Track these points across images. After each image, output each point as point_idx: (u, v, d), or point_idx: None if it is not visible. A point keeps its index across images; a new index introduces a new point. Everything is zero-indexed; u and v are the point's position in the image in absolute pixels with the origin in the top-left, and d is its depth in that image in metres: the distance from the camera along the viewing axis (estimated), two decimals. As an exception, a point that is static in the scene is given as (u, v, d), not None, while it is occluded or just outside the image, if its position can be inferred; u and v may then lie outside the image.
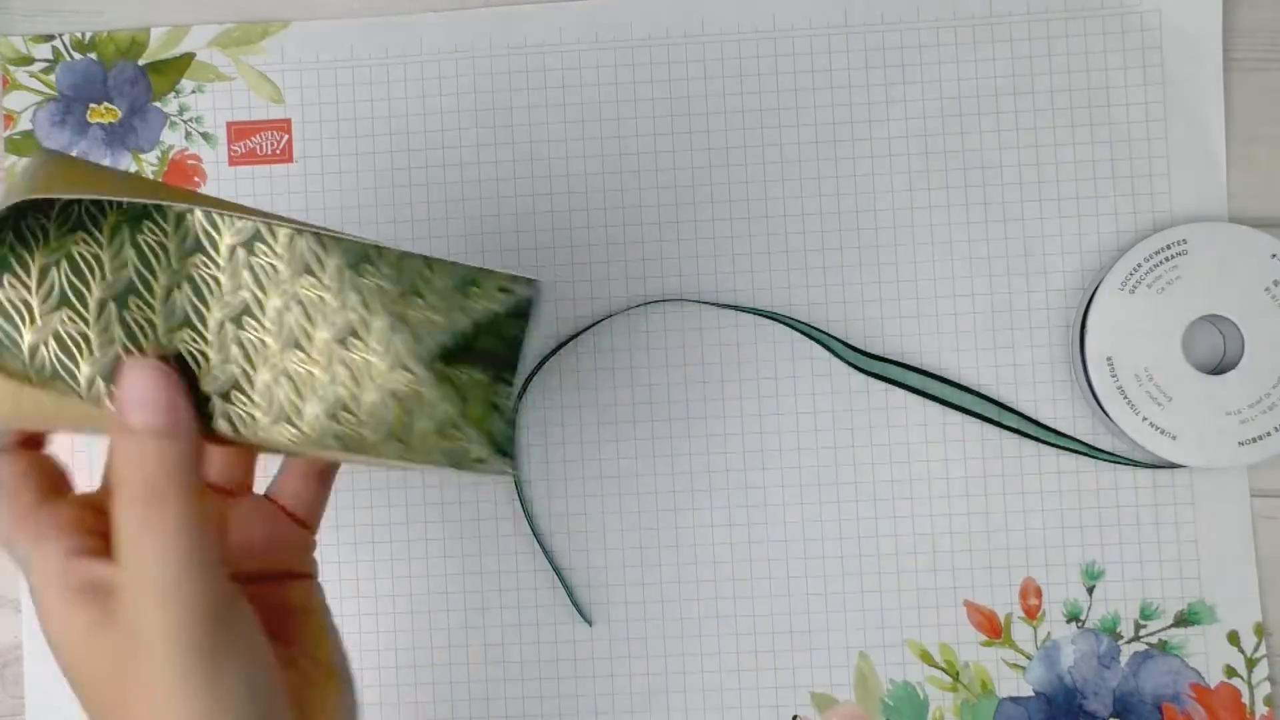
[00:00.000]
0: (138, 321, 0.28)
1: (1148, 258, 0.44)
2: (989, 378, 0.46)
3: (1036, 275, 0.46)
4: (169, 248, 0.28)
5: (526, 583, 0.47)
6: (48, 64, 0.49)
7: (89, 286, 0.27)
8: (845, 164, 0.47)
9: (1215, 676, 0.45)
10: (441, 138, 0.48)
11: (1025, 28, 0.47)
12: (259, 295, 0.28)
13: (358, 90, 0.48)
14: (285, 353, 0.28)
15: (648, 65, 0.47)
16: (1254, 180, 0.46)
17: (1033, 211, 0.46)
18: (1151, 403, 0.43)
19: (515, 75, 0.48)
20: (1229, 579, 0.45)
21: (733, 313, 0.47)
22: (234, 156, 0.48)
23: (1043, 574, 0.46)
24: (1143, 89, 0.46)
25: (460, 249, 0.47)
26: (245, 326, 0.28)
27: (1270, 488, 0.45)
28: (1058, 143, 0.46)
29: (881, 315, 0.47)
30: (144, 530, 0.26)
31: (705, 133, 0.47)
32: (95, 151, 0.48)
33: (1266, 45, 0.46)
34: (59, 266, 0.27)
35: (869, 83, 0.47)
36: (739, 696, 0.46)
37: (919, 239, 0.47)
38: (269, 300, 0.28)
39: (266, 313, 0.28)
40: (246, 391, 0.28)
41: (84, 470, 0.47)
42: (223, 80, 0.48)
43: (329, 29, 0.48)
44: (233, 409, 0.28)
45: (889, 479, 0.46)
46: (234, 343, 0.28)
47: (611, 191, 0.47)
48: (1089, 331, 0.44)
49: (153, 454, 0.26)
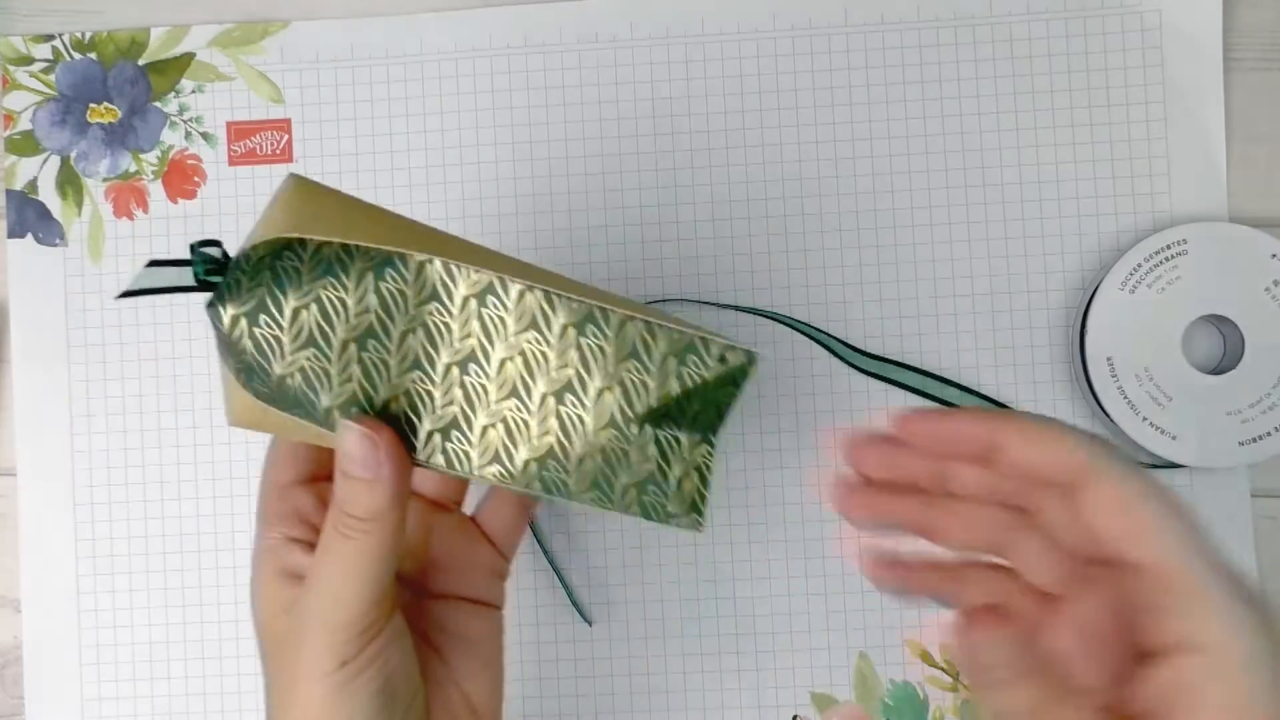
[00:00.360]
0: (374, 361, 0.30)
1: (1148, 258, 0.44)
2: (989, 378, 0.46)
3: (1036, 275, 0.46)
4: (408, 295, 0.29)
5: (526, 583, 0.47)
6: (48, 64, 0.49)
7: (334, 328, 0.29)
8: (845, 164, 0.47)
9: (1215, 676, 0.45)
10: (442, 138, 0.48)
11: (1025, 28, 0.47)
12: (485, 344, 0.30)
13: (358, 90, 0.48)
14: (503, 400, 0.30)
15: (648, 65, 0.47)
16: (1254, 180, 0.46)
17: (1033, 211, 0.46)
18: (1151, 403, 0.43)
19: (515, 75, 0.48)
20: (1229, 579, 0.45)
21: (733, 313, 0.47)
22: (234, 156, 0.48)
23: (1043, 574, 0.46)
24: (1143, 89, 0.46)
25: (460, 249, 0.47)
26: (470, 372, 0.30)
27: (1270, 488, 0.45)
28: (1058, 143, 0.46)
29: (881, 315, 0.47)
30: (329, 548, 0.30)
31: (705, 133, 0.47)
32: (95, 151, 0.48)
33: (1266, 45, 0.46)
34: (309, 309, 0.29)
35: (869, 83, 0.47)
36: (739, 696, 0.46)
37: (919, 239, 0.47)
38: (494, 350, 0.30)
39: (490, 361, 0.30)
40: (464, 431, 0.30)
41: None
42: (223, 80, 0.48)
43: (329, 29, 0.48)
44: (450, 445, 0.30)
45: (889, 479, 0.46)
46: (458, 386, 0.30)
47: (611, 191, 0.47)
48: (1089, 331, 0.44)
49: (355, 496, 0.29)
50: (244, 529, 0.47)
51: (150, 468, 0.48)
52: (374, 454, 0.29)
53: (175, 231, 0.48)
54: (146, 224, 0.48)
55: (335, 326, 0.29)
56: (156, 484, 0.48)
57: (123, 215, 0.48)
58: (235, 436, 0.47)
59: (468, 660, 0.35)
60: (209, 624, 0.47)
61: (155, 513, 0.47)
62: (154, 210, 0.48)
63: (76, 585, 0.47)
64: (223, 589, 0.47)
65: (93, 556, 0.47)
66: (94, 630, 0.47)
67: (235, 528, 0.47)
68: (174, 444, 0.48)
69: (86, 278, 0.48)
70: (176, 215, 0.48)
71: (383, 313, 0.29)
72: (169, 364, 0.48)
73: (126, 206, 0.48)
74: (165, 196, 0.48)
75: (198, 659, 0.47)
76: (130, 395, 0.48)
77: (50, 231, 0.48)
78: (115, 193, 0.48)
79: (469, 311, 0.29)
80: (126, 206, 0.48)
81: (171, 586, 0.47)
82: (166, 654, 0.47)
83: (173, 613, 0.47)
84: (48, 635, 0.47)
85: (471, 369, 0.30)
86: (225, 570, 0.47)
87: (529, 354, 0.29)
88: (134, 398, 0.48)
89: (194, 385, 0.48)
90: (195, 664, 0.47)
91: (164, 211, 0.48)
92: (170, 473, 0.47)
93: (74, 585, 0.47)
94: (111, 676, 0.47)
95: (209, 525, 0.47)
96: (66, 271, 0.48)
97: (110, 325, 0.48)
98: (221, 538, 0.47)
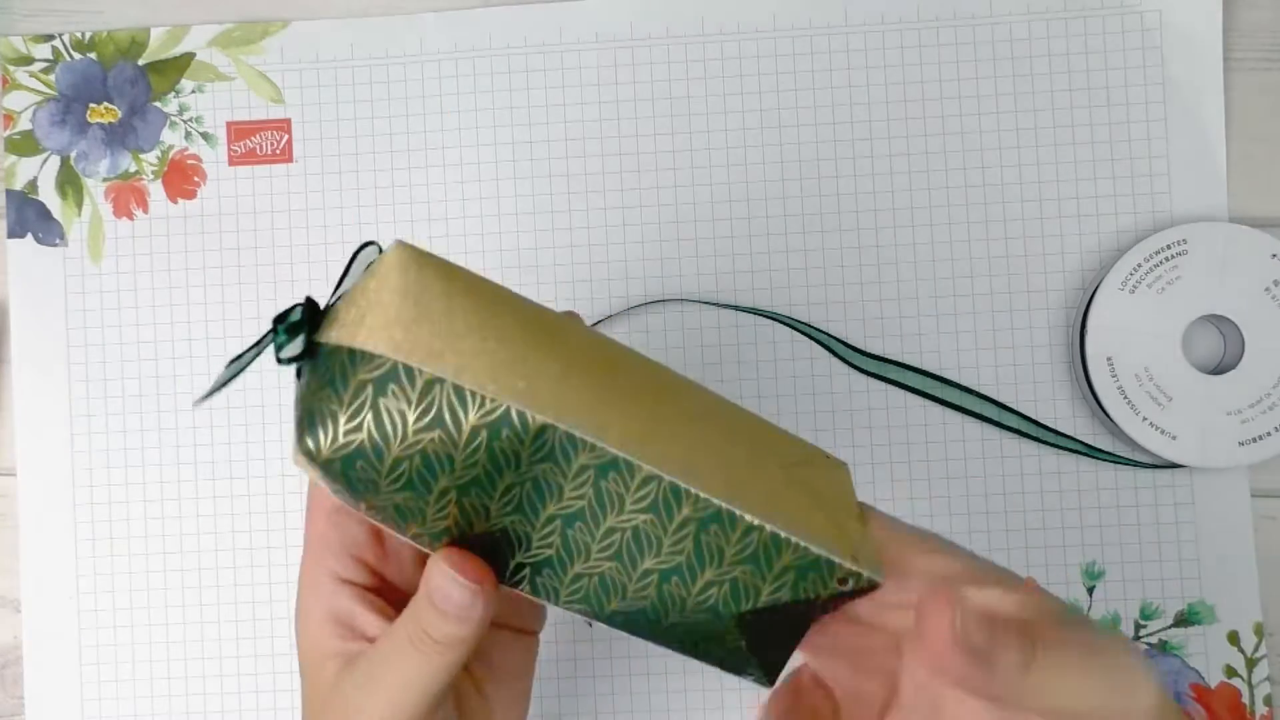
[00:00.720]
0: (474, 506, 0.28)
1: (1148, 258, 0.44)
2: (989, 378, 0.46)
3: (1036, 275, 0.46)
4: (521, 456, 0.27)
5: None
6: (48, 64, 0.49)
7: (435, 477, 0.27)
8: (845, 164, 0.47)
9: (1215, 676, 0.45)
10: (441, 138, 0.48)
11: (1025, 28, 0.47)
12: (596, 510, 0.27)
13: (358, 90, 0.48)
14: (604, 560, 0.28)
15: (648, 65, 0.47)
16: (1254, 180, 0.46)
17: (1033, 211, 0.46)
18: (1151, 403, 0.43)
19: (515, 75, 0.48)
20: (1229, 579, 0.45)
21: (733, 313, 0.47)
22: (234, 156, 0.48)
23: (1043, 574, 0.46)
24: (1143, 89, 0.46)
25: (460, 249, 0.47)
26: (574, 527, 0.28)
27: (1270, 488, 0.45)
28: (1058, 143, 0.46)
29: (881, 315, 0.47)
30: (398, 653, 0.29)
31: (705, 133, 0.47)
32: (95, 151, 0.48)
33: (1266, 45, 0.46)
34: (411, 459, 0.27)
35: (869, 83, 0.47)
36: (739, 696, 0.46)
37: (919, 239, 0.47)
38: (605, 519, 0.28)
39: (599, 525, 0.28)
40: (556, 572, 0.28)
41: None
42: (223, 80, 0.48)
43: (329, 29, 0.48)
44: (540, 580, 0.29)
45: (889, 479, 0.46)
46: (558, 535, 0.28)
47: (611, 191, 0.47)
48: (1089, 331, 0.44)
49: (439, 624, 0.28)
50: (244, 529, 0.47)
51: (150, 468, 0.48)
52: (469, 600, 0.28)
53: (175, 231, 0.48)
54: (146, 224, 0.48)
55: (438, 476, 0.27)
56: (156, 484, 0.47)
57: (123, 215, 0.48)
58: (235, 436, 0.47)
59: (503, 691, 0.34)
60: (209, 624, 0.47)
61: (155, 513, 0.47)
62: (154, 210, 0.48)
63: (76, 585, 0.47)
64: (223, 589, 0.47)
65: (93, 556, 0.47)
66: (94, 630, 0.47)
67: (235, 528, 0.47)
68: (174, 444, 0.48)
69: (86, 278, 0.48)
70: (176, 215, 0.48)
71: (491, 468, 0.27)
72: (169, 364, 0.48)
73: (126, 206, 0.48)
74: (165, 196, 0.48)
75: (198, 659, 0.47)
76: (130, 395, 0.48)
77: (50, 231, 0.48)
78: (115, 193, 0.48)
79: (585, 478, 0.27)
80: (126, 206, 0.48)
81: (171, 586, 0.47)
82: (166, 654, 0.47)
83: (173, 613, 0.47)
84: (48, 635, 0.47)
85: (576, 525, 0.28)
86: (225, 570, 0.47)
87: (642, 532, 0.27)
88: (134, 398, 0.48)
89: (194, 385, 0.48)
90: (195, 664, 0.47)
91: (164, 211, 0.48)
92: (170, 473, 0.47)
93: (74, 585, 0.47)
94: (111, 676, 0.47)
95: (209, 525, 0.47)
96: (66, 271, 0.48)
97: (110, 325, 0.48)
98: (221, 538, 0.47)
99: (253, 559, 0.47)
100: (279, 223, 0.48)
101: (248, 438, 0.47)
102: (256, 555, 0.47)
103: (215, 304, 0.48)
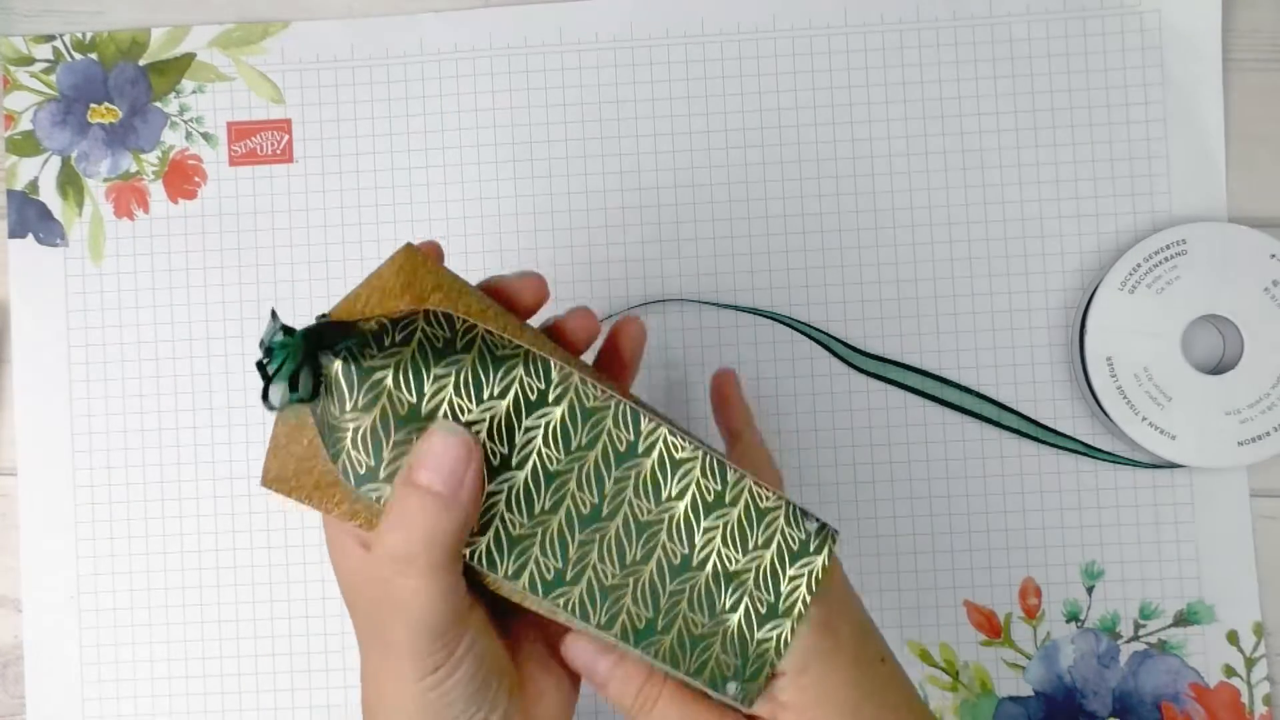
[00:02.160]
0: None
1: (1147, 258, 0.44)
2: (989, 378, 0.46)
3: (1036, 275, 0.46)
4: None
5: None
6: (48, 64, 0.49)
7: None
8: (845, 164, 0.47)
9: (1214, 676, 0.45)
10: (441, 138, 0.48)
11: (1025, 28, 0.47)
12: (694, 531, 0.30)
13: (358, 90, 0.48)
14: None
15: (648, 65, 0.47)
16: (1254, 180, 0.46)
17: (1033, 212, 0.46)
18: (1151, 403, 0.43)
19: (515, 75, 0.48)
20: (1229, 579, 0.45)
21: (733, 313, 0.47)
22: (234, 156, 0.48)
23: (1042, 574, 0.46)
24: (1143, 89, 0.46)
25: (459, 249, 0.47)
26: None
27: (1270, 488, 0.45)
28: (1058, 143, 0.46)
29: (881, 315, 0.47)
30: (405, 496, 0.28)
31: (705, 133, 0.47)
32: (95, 151, 0.48)
33: (1266, 45, 0.46)
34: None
35: (869, 83, 0.47)
36: (739, 696, 0.46)
37: (919, 239, 0.47)
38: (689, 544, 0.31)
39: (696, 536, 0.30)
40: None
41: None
42: (223, 80, 0.48)
43: (329, 29, 0.48)
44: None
45: (888, 479, 0.46)
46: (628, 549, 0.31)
47: (611, 191, 0.47)
48: (1089, 331, 0.44)
49: (419, 518, 0.27)
50: (244, 529, 0.47)
51: (150, 468, 0.48)
52: (462, 465, 0.27)
53: (176, 231, 0.48)
54: (147, 224, 0.48)
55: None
56: (156, 484, 0.48)
57: (123, 215, 0.48)
58: (235, 436, 0.47)
59: (546, 689, 0.34)
60: (209, 624, 0.47)
61: (155, 513, 0.47)
62: (154, 210, 0.48)
63: (77, 585, 0.47)
64: (223, 589, 0.47)
65: (93, 556, 0.47)
66: (94, 630, 0.47)
67: (235, 527, 0.47)
68: (174, 444, 0.48)
69: (87, 278, 0.48)
70: (177, 215, 0.48)
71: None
72: (169, 364, 0.48)
73: (127, 207, 0.48)
74: (166, 196, 0.48)
75: (198, 659, 0.47)
76: (130, 395, 0.48)
77: (51, 232, 0.48)
78: (116, 193, 0.48)
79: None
80: (127, 207, 0.48)
81: (171, 586, 0.47)
82: (167, 654, 0.47)
83: (173, 612, 0.47)
84: (48, 635, 0.47)
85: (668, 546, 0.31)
86: (225, 570, 0.47)
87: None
88: (134, 398, 0.48)
89: (194, 385, 0.48)
90: (195, 664, 0.47)
91: (164, 211, 0.48)
92: (170, 473, 0.48)
93: (74, 585, 0.47)
94: (111, 676, 0.47)
95: (209, 525, 0.47)
96: (67, 271, 0.48)
97: (110, 325, 0.48)
98: (222, 537, 0.47)
99: (253, 559, 0.47)
100: (279, 223, 0.48)
101: (248, 438, 0.47)
102: (256, 555, 0.47)
103: (215, 304, 0.48)
